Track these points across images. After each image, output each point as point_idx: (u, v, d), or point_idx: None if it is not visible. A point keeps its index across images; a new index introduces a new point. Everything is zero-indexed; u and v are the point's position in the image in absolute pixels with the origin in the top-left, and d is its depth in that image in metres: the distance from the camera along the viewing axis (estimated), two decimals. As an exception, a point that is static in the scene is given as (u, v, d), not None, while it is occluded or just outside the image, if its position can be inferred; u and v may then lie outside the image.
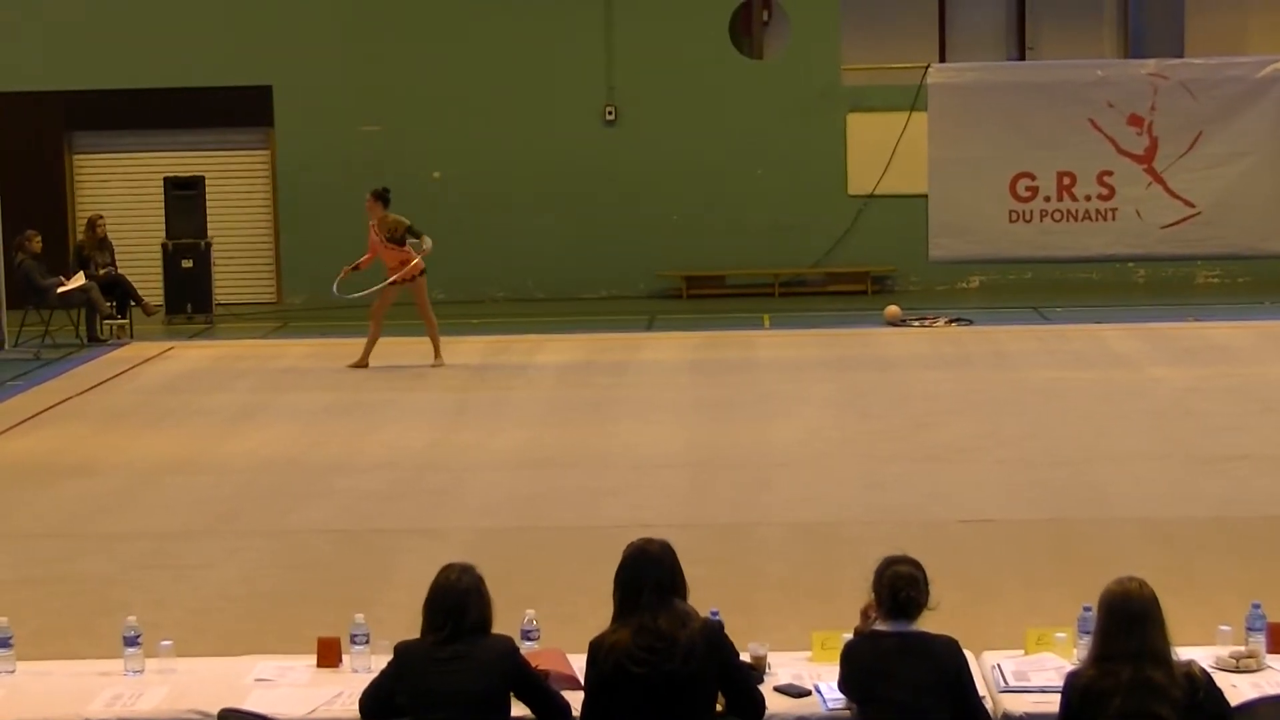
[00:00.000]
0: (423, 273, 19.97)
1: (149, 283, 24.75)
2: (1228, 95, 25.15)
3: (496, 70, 26.46)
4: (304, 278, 26.63)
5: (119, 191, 27.10)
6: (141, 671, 7.75)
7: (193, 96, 26.66)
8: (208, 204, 25.17)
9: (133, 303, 23.82)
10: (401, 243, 19.88)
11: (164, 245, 24.95)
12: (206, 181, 25.35)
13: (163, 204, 25.16)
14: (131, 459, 15.65)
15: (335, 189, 26.31)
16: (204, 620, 10.58)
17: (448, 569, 7.17)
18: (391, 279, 19.87)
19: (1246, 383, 18.21)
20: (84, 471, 15.14)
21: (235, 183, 27.12)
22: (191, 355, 22.10)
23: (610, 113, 26.72)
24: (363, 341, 20.19)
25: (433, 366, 20.04)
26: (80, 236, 24.80)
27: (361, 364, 20.07)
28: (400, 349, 21.18)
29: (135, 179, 26.98)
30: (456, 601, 7.05)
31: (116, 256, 24.22)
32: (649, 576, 7.04)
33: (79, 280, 22.94)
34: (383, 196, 20.21)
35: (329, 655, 7.85)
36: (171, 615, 10.36)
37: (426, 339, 20.16)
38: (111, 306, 23.44)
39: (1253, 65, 25.39)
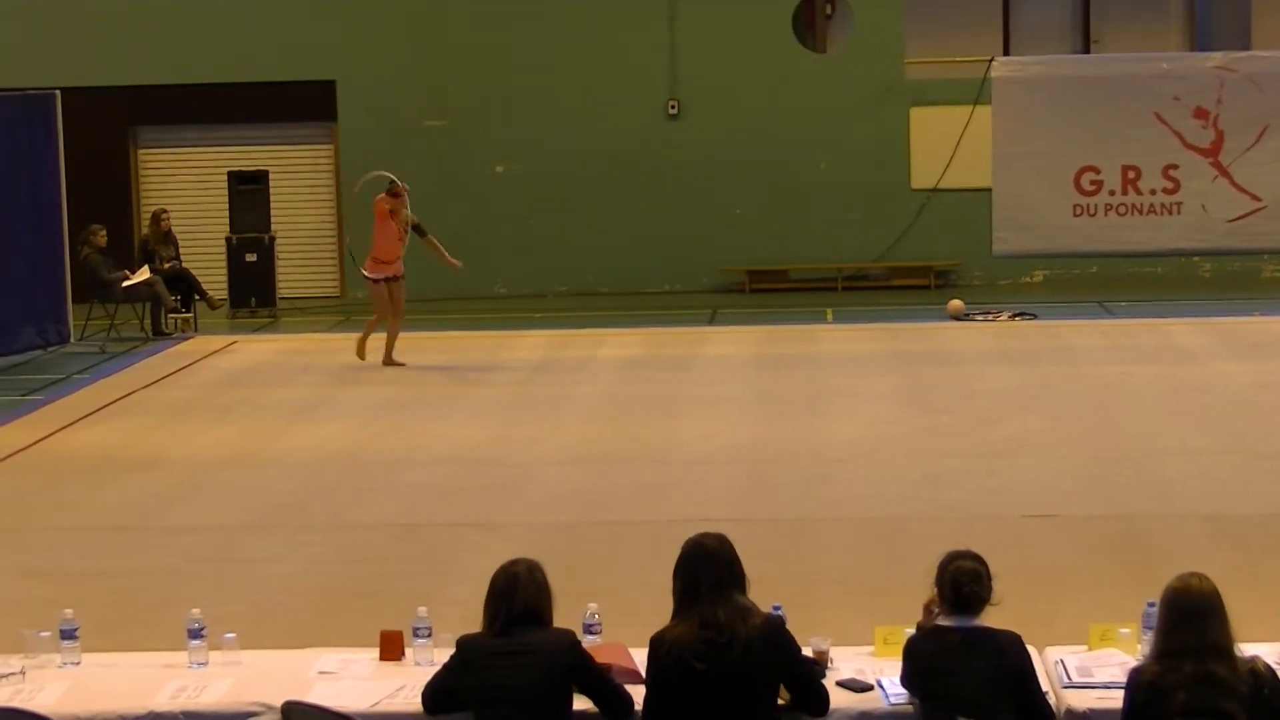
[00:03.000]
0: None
1: (213, 277, 24.88)
2: (1294, 89, 24.98)
3: (559, 64, 26.48)
4: (367, 272, 26.69)
5: (183, 186, 27.24)
6: (206, 664, 7.79)
7: (256, 91, 26.78)
8: (271, 198, 25.29)
9: (197, 296, 23.94)
10: (422, 233, 20.05)
11: (228, 239, 25.07)
12: (270, 176, 25.47)
13: (227, 198, 25.29)
14: (195, 453, 15.73)
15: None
16: (267, 613, 10.62)
17: (506, 563, 7.19)
18: (399, 275, 19.86)
19: (1313, 378, 18.10)
20: (148, 465, 15.22)
21: (299, 177, 27.23)
22: (255, 349, 22.19)
23: (673, 106, 26.71)
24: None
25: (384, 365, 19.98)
26: (145, 231, 24.95)
27: (389, 362, 20.00)
28: (461, 344, 21.26)
29: (199, 173, 27.12)
30: (508, 588, 7.07)
31: (181, 250, 24.36)
32: (708, 571, 7.03)
33: (144, 274, 23.07)
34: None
35: (392, 648, 7.86)
36: (235, 608, 10.40)
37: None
38: (176, 300, 23.58)
39: (1319, 58, 25.22)
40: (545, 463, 15.02)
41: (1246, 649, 6.80)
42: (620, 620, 8.35)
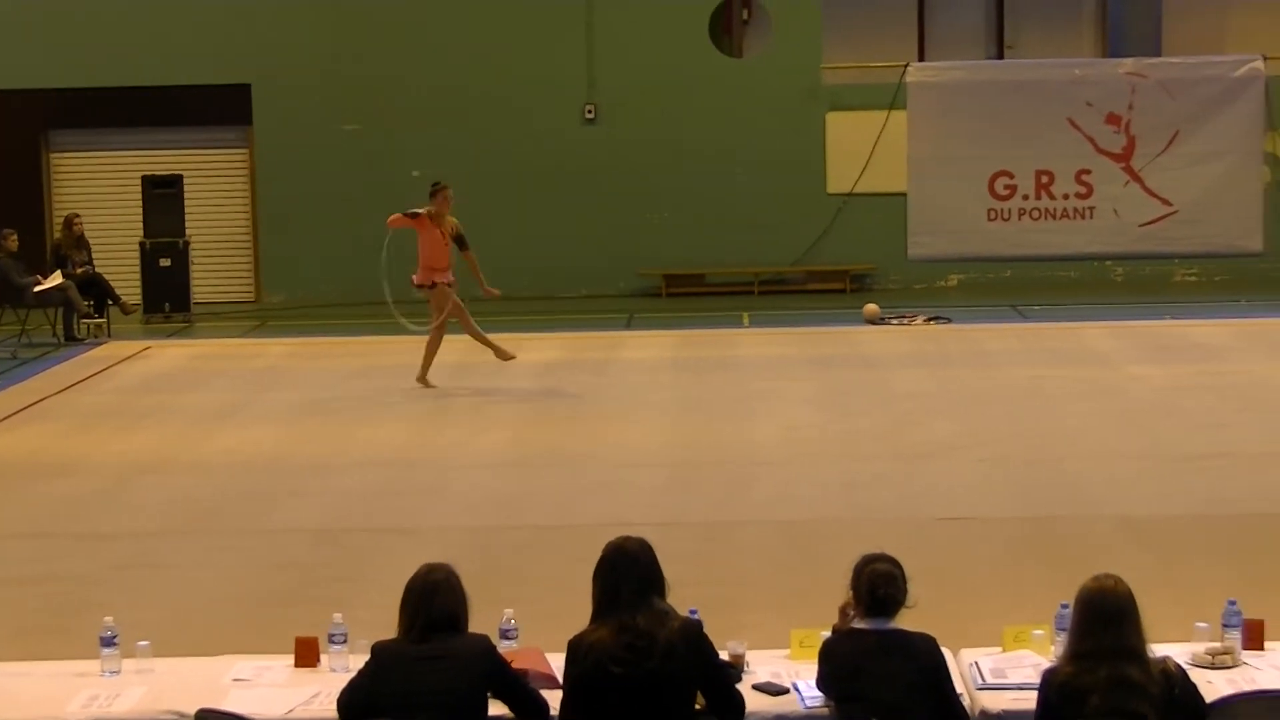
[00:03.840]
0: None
1: (127, 281, 24.69)
2: (1204, 95, 25.23)
3: (477, 69, 26.45)
4: (283, 276, 26.65)
5: (96, 190, 27.06)
6: (119, 672, 7.73)
7: (171, 95, 26.64)
8: (186, 202, 25.11)
9: (110, 301, 23.77)
10: (464, 246, 18.51)
11: (142, 244, 24.88)
12: (185, 180, 25.30)
13: (141, 202, 25.09)
14: (110, 459, 15.63)
15: (315, 188, 26.33)
16: (182, 620, 10.55)
17: (421, 567, 7.17)
18: (447, 280, 18.47)
19: (1224, 380, 18.26)
20: (62, 471, 15.11)
21: (214, 181, 27.08)
22: (169, 354, 22.06)
23: (590, 111, 26.72)
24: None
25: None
26: (57, 235, 24.75)
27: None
28: (379, 348, 21.20)
29: (113, 177, 26.94)
30: (426, 595, 7.05)
31: (94, 255, 24.17)
32: (628, 575, 7.04)
33: (56, 279, 22.90)
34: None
35: (307, 655, 7.83)
36: (150, 615, 10.32)
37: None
38: (89, 305, 23.41)
39: (1229, 65, 25.47)
40: (465, 467, 15.00)
41: (1158, 649, 6.86)
42: (538, 625, 8.35)
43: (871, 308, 23.37)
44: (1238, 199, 25.32)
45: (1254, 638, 7.84)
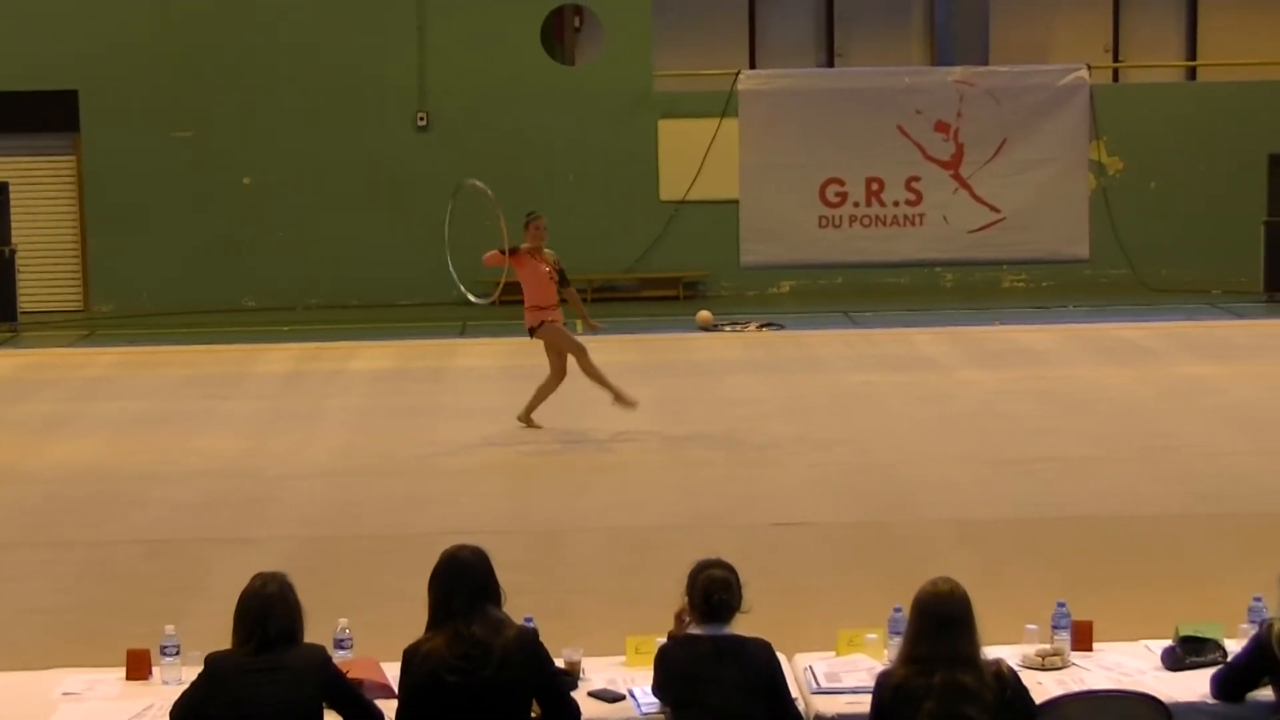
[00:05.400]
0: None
1: (-48, 291, 24.30)
2: (1031, 103, 25.54)
3: (308, 75, 26.29)
4: (112, 285, 26.32)
5: (-80, 198, 26.58)
6: (-54, 688, 7.64)
7: (-4, 101, 26.25)
8: (12, 211, 24.73)
9: (-65, 311, 23.40)
10: (564, 282, 17.03)
11: (-33, 253, 24.51)
12: (11, 188, 24.92)
13: (-35, 211, 24.70)
14: (-65, 471, 15.38)
15: (144, 196, 26.04)
16: (11, 634, 10.42)
17: (255, 578, 7.13)
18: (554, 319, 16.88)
19: (1051, 385, 18.54)
20: (-114, 484, 14.86)
21: (40, 189, 26.68)
22: (-4, 364, 21.75)
23: (422, 119, 26.63)
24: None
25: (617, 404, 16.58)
26: (-120, 244, 24.32)
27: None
28: (210, 358, 21.01)
29: (-63, 185, 26.47)
30: (263, 610, 7.00)
31: (-82, 264, 23.78)
32: (461, 584, 7.03)
33: (-121, 289, 22.51)
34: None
35: (138, 667, 7.76)
36: (-22, 629, 10.20)
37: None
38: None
39: (1055, 74, 25.81)
40: (299, 476, 14.91)
41: (990, 651, 6.96)
42: (374, 634, 8.32)
43: (704, 315, 23.48)
44: (1064, 206, 25.66)
45: (1083, 639, 7.97)
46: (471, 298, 17.80)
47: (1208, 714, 7.35)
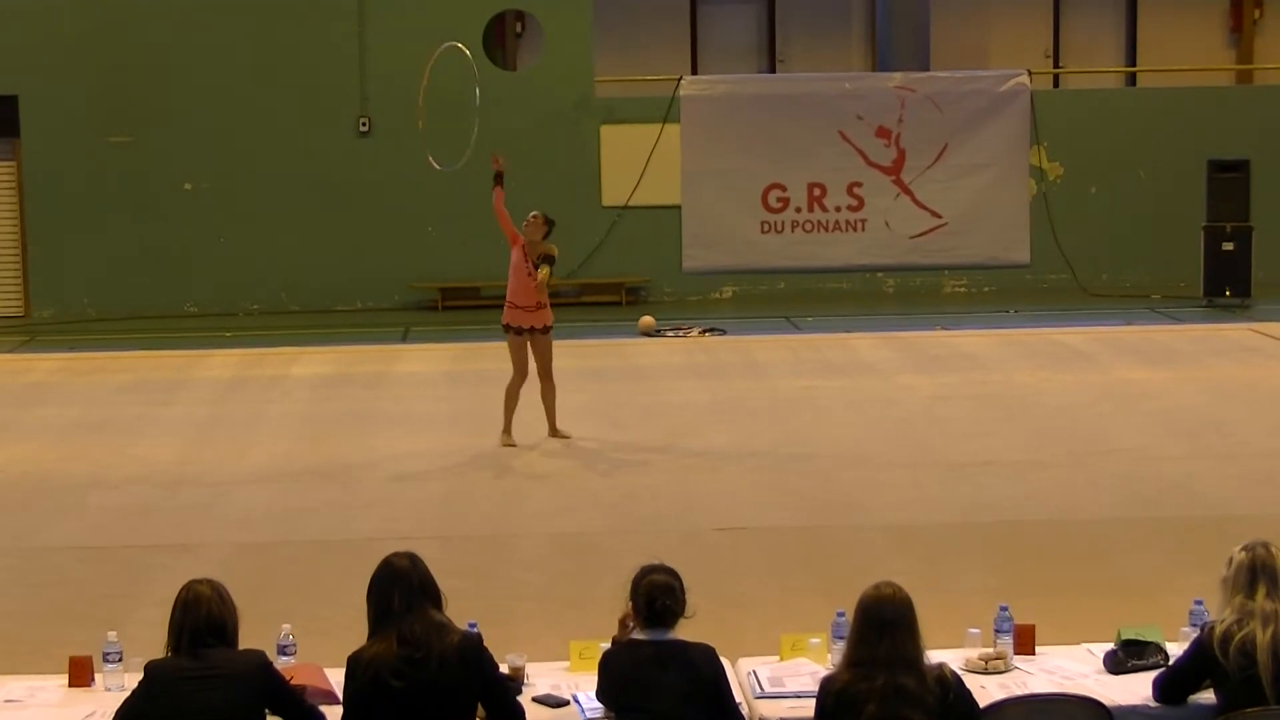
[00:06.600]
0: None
1: (-111, 297, 24.16)
2: (971, 108, 25.61)
3: (248, 80, 26.19)
4: (52, 291, 26.17)
5: None
6: (-117, 697, 7.59)
7: (-67, 106, 26.09)
8: (-49, 216, 24.63)
9: (-128, 317, 23.24)
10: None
11: (-95, 258, 24.38)
12: (-51, 193, 24.82)
13: (-97, 216, 24.57)
14: (-128, 477, 15.27)
15: (85, 201, 25.92)
16: (-50, 641, 10.36)
17: (188, 585, 7.10)
18: (542, 326, 16.33)
19: (991, 390, 18.61)
20: None
21: (-21, 194, 26.55)
22: (-66, 370, 21.60)
23: (364, 124, 26.58)
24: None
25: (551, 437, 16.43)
26: None
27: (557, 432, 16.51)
28: (150, 363, 20.92)
29: (-126, 190, 26.31)
30: (192, 610, 6.99)
31: None
32: (399, 591, 7.03)
33: None
34: (549, 222, 17.10)
35: (81, 674, 7.73)
36: (-84, 637, 10.13)
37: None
38: None
39: (995, 79, 25.90)
40: (239, 482, 14.85)
41: (933, 655, 6.98)
42: (317, 640, 8.31)
43: (647, 320, 23.50)
44: (1005, 211, 25.73)
45: (1025, 643, 8.01)
46: (435, 164, 18.51)
47: (1149, 717, 7.41)
